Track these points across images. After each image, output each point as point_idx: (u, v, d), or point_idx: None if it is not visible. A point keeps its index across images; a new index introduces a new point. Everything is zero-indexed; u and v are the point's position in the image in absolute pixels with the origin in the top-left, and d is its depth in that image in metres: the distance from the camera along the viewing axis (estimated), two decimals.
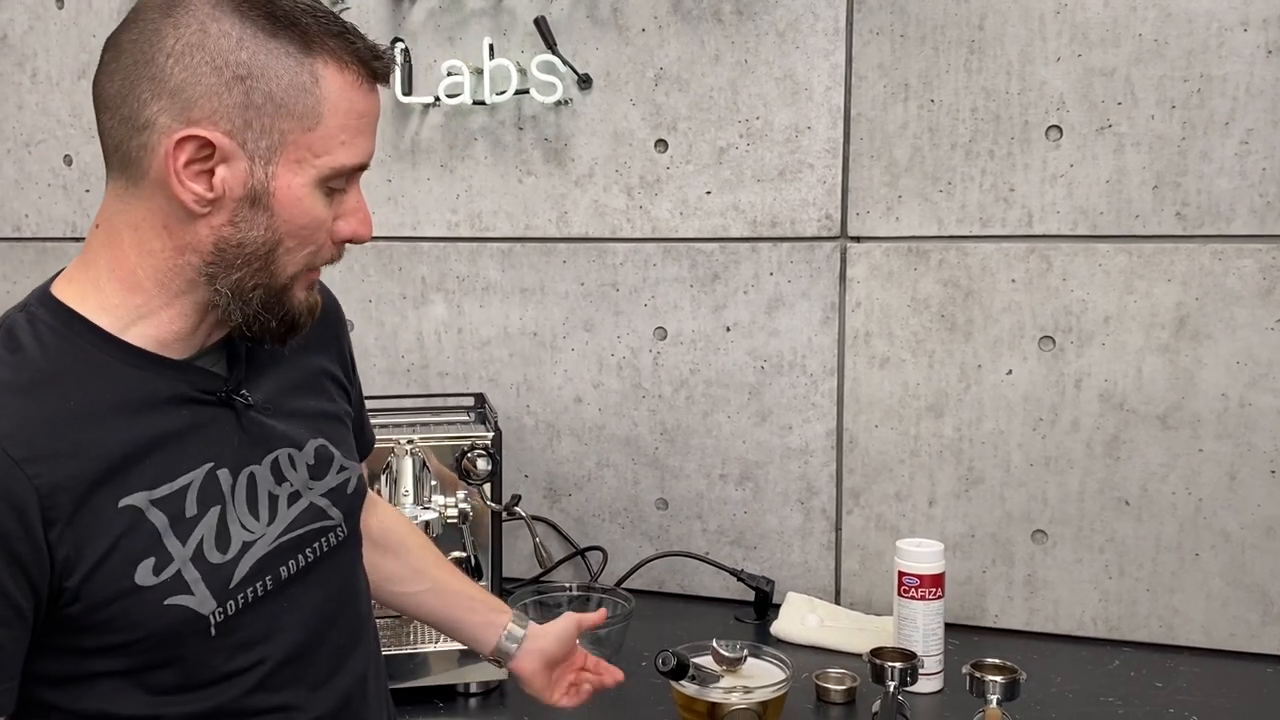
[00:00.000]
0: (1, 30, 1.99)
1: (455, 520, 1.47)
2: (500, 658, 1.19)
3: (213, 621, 0.90)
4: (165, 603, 0.87)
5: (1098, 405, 1.49)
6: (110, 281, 0.89)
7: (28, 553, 0.82)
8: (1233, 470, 1.44)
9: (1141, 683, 1.39)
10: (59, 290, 0.91)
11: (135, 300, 0.90)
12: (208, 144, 0.84)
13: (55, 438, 0.84)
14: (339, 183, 0.91)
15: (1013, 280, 1.51)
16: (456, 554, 1.49)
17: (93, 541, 0.85)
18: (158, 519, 0.88)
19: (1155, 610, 1.50)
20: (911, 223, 1.55)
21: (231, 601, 0.91)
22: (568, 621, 1.22)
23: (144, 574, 0.86)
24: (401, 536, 1.23)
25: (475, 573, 1.49)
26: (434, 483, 1.48)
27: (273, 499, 0.96)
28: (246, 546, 0.93)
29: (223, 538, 0.92)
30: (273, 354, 1.02)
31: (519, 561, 1.73)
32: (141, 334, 0.90)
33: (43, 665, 0.88)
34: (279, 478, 0.98)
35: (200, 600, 0.89)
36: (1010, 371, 1.53)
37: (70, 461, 0.84)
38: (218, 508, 0.92)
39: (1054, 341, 1.50)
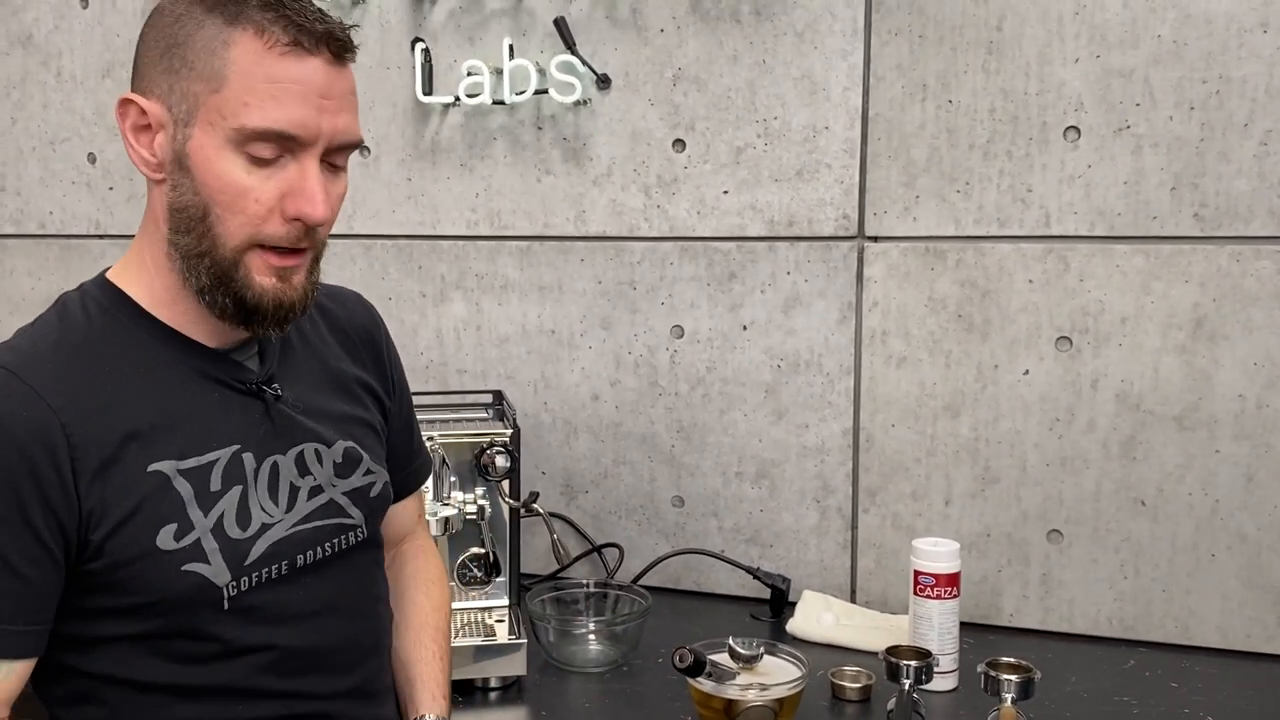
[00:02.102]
0: (27, 30, 2.01)
1: (474, 516, 1.49)
2: None
3: (226, 595, 0.93)
4: (182, 568, 0.91)
5: (1114, 406, 1.49)
6: (142, 266, 0.98)
7: (59, 498, 0.87)
8: (1250, 471, 1.44)
9: (1157, 683, 1.39)
10: (113, 274, 0.99)
11: (159, 283, 0.97)
12: (143, 110, 0.92)
13: (89, 395, 0.90)
14: (263, 150, 0.90)
15: (1030, 281, 1.52)
16: (475, 550, 1.50)
17: (119, 500, 0.90)
18: (183, 488, 0.92)
19: (1171, 611, 1.50)
20: (929, 223, 1.56)
21: (245, 578, 0.95)
22: None
23: (165, 538, 0.91)
24: (410, 583, 1.22)
25: (494, 568, 1.51)
26: (453, 479, 1.49)
27: (293, 490, 1.00)
28: (265, 528, 0.97)
29: (243, 516, 0.96)
30: (306, 355, 1.07)
31: (536, 557, 1.74)
32: (173, 316, 0.97)
33: (61, 626, 0.92)
34: (303, 470, 1.01)
35: (216, 571, 0.93)
36: (1027, 372, 1.53)
37: (101, 418, 0.90)
38: (240, 487, 0.96)
39: (1071, 342, 1.51)
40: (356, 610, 1.06)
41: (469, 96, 1.72)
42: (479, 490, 1.50)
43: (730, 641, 1.27)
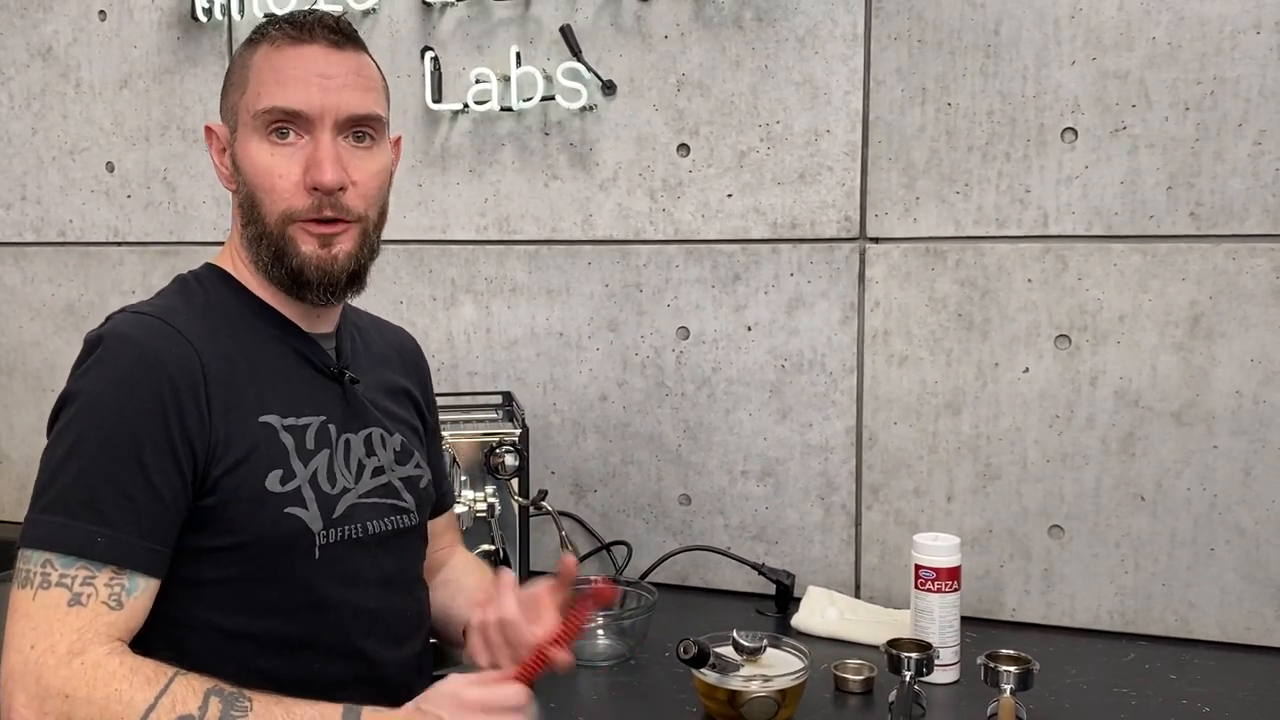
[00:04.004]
0: (47, 42, 2.06)
1: (484, 514, 1.52)
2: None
3: (318, 542, 1.02)
4: (285, 510, 1.01)
5: (1113, 402, 1.52)
6: (237, 258, 1.11)
7: (196, 428, 0.97)
8: (1247, 466, 1.46)
9: (1156, 675, 1.41)
10: (216, 262, 1.13)
11: (248, 271, 1.10)
12: (216, 134, 1.10)
13: (216, 345, 1.02)
14: (277, 128, 1.04)
15: (1029, 280, 1.54)
16: (485, 546, 1.53)
17: (237, 442, 1.00)
18: (288, 440, 1.03)
19: (1170, 604, 1.52)
20: (929, 224, 1.58)
21: (333, 530, 1.04)
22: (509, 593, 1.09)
23: (273, 481, 1.01)
24: (451, 556, 1.33)
25: (504, 564, 1.54)
26: (464, 478, 1.53)
27: (360, 465, 1.10)
28: (345, 491, 1.07)
29: (330, 476, 1.06)
30: (370, 362, 1.18)
31: (546, 555, 1.77)
32: (268, 298, 1.09)
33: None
34: (369, 451, 1.11)
35: (312, 517, 1.02)
36: (1027, 369, 1.55)
37: (226, 366, 1.01)
38: (327, 451, 1.06)
39: (1070, 340, 1.53)
40: (408, 589, 1.15)
41: (477, 103, 1.75)
42: (489, 489, 1.54)
43: (735, 634, 1.30)
